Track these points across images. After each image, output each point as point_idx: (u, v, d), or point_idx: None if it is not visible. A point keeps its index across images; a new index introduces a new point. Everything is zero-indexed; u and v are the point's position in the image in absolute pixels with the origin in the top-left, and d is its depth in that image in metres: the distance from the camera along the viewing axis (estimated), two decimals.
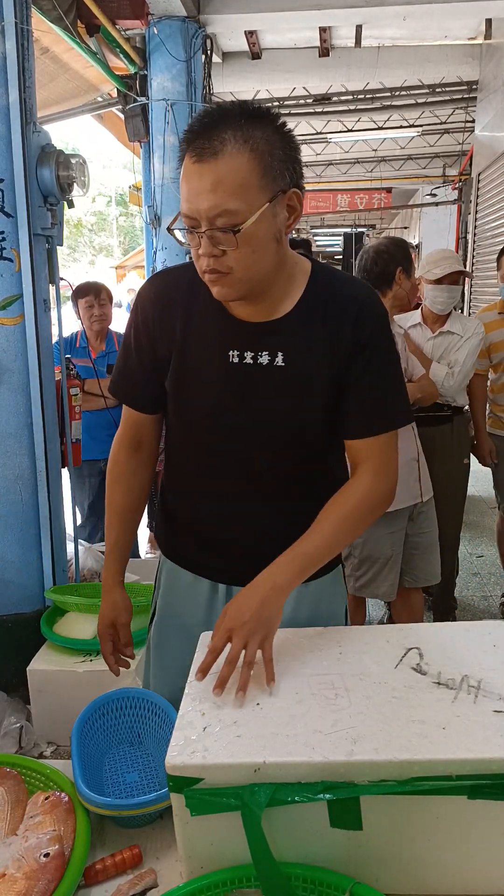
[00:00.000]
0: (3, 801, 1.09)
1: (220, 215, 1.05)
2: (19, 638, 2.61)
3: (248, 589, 1.14)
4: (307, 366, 1.21)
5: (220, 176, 1.03)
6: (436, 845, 0.91)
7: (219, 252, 1.08)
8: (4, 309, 2.48)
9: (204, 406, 1.26)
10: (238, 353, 1.22)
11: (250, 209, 1.05)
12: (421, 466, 2.58)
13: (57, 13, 3.87)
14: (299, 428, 1.24)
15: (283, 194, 1.09)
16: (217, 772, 0.89)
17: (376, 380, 1.23)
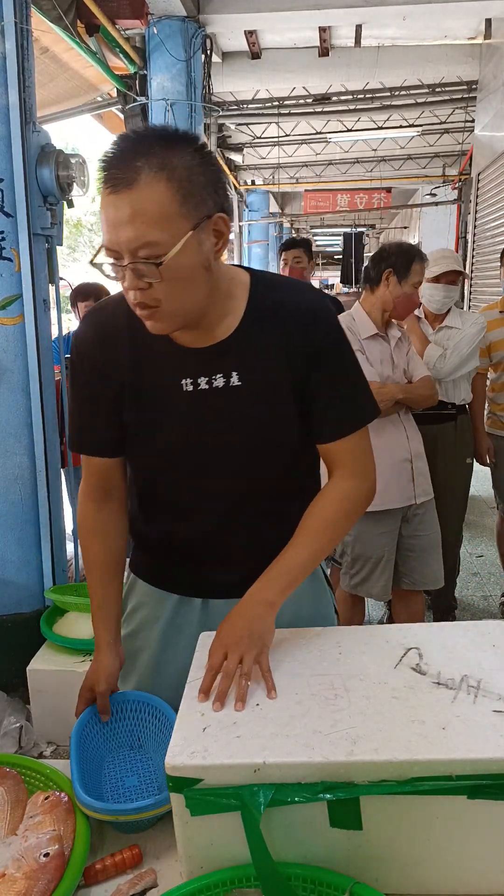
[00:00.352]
0: (3, 800, 1.09)
1: (141, 247, 0.99)
2: (19, 638, 2.61)
3: (239, 607, 1.14)
4: (265, 379, 1.17)
5: (137, 206, 0.97)
6: (435, 845, 0.91)
7: (144, 285, 1.02)
8: (4, 309, 2.48)
9: (168, 441, 1.22)
10: (192, 381, 1.17)
11: (173, 239, 0.99)
12: (415, 468, 2.54)
13: (56, 13, 3.87)
14: (272, 443, 1.21)
15: (209, 220, 1.03)
16: (217, 772, 0.88)
17: (338, 382, 1.21)
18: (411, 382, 2.58)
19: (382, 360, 2.52)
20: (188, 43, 5.34)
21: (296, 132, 10.63)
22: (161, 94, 5.37)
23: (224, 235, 1.07)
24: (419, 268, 2.46)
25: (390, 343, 2.55)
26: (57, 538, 2.71)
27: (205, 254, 1.05)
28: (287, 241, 4.04)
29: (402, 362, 2.57)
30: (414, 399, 2.56)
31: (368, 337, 2.51)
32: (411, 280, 2.45)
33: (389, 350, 2.54)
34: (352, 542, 2.63)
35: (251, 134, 10.76)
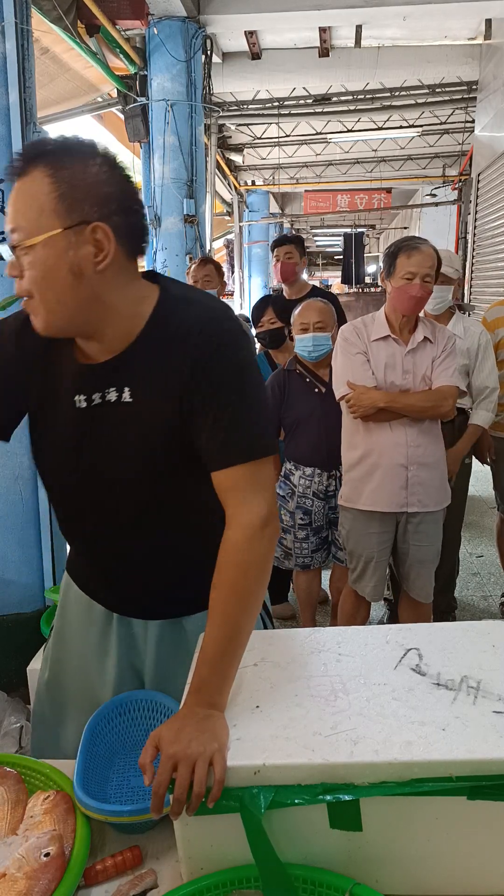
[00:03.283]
0: (4, 800, 1.09)
1: (12, 230, 1.05)
2: (19, 638, 2.61)
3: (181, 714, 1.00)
4: (153, 398, 1.14)
5: (19, 194, 1.05)
6: (435, 846, 0.91)
7: (16, 272, 1.07)
8: (4, 309, 2.48)
9: (58, 454, 1.23)
10: (86, 397, 1.17)
11: (38, 230, 1.03)
12: (412, 476, 2.45)
13: (57, 13, 3.87)
14: (153, 461, 1.16)
15: (85, 225, 1.04)
16: None
17: (223, 409, 1.12)
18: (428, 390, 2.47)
19: (388, 364, 2.43)
20: (188, 43, 5.34)
21: (296, 133, 10.63)
22: (161, 95, 5.38)
23: (105, 247, 1.06)
24: (405, 259, 2.35)
25: (406, 347, 2.44)
26: (57, 538, 2.71)
27: (76, 259, 1.05)
28: (278, 238, 4.01)
29: (420, 369, 2.44)
30: (406, 408, 2.42)
31: (378, 339, 2.44)
32: (399, 274, 2.36)
33: (401, 354, 2.43)
34: (346, 536, 2.64)
35: (251, 134, 10.77)
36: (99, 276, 1.08)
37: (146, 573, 1.27)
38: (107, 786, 1.18)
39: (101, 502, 1.22)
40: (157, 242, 5.71)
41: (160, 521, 1.22)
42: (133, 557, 1.26)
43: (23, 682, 2.43)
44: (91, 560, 1.33)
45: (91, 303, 1.09)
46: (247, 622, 1.09)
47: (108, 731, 1.24)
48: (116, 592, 1.33)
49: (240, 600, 1.08)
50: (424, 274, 2.34)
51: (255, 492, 1.13)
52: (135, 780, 1.19)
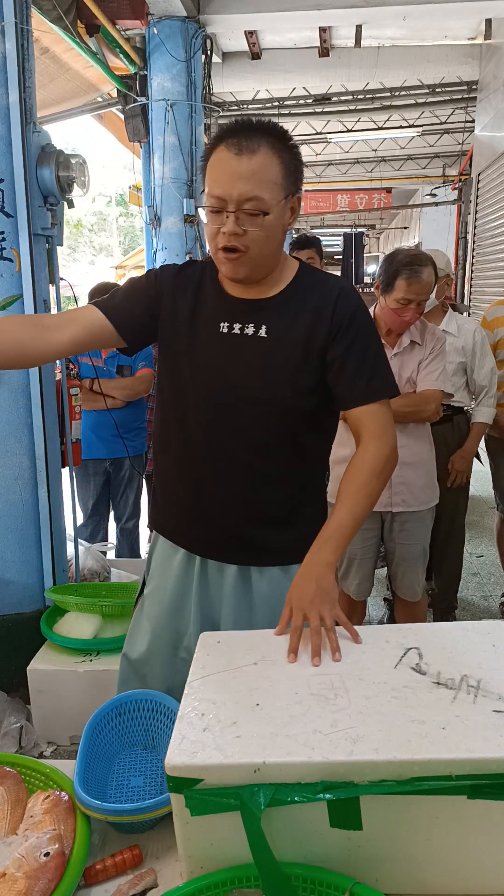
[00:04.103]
0: (4, 800, 1.09)
1: (250, 199, 1.27)
2: (19, 638, 2.61)
3: (302, 571, 1.28)
4: (288, 339, 1.38)
5: (255, 169, 1.26)
6: (435, 845, 0.91)
7: (241, 231, 1.28)
8: (4, 309, 2.48)
9: (197, 366, 1.42)
10: (228, 325, 1.40)
11: (274, 201, 1.29)
12: (395, 477, 2.41)
13: (57, 13, 3.87)
14: (281, 399, 1.38)
15: (293, 196, 1.34)
16: (217, 772, 0.89)
17: (364, 354, 1.40)
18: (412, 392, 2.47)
19: None
20: (188, 43, 5.34)
21: (296, 132, 10.62)
22: (161, 95, 5.37)
23: (296, 212, 1.38)
24: (404, 285, 2.33)
25: (392, 350, 2.45)
26: (57, 538, 2.71)
27: (285, 221, 1.35)
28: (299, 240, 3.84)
29: (406, 372, 2.45)
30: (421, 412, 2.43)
31: None
32: (394, 296, 2.35)
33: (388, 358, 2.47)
34: None
35: None
36: (285, 234, 1.38)
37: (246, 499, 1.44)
38: (107, 785, 1.18)
39: (225, 423, 1.41)
40: (157, 242, 5.70)
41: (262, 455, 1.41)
42: (243, 478, 1.43)
43: (23, 682, 2.43)
44: (197, 487, 1.47)
45: (277, 254, 1.38)
46: (365, 512, 1.37)
47: (108, 731, 1.24)
48: (206, 525, 1.48)
49: (366, 496, 1.36)
50: (420, 300, 2.36)
51: (389, 424, 1.42)
52: (135, 780, 1.19)
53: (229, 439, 1.41)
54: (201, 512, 1.48)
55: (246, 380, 1.38)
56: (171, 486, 1.54)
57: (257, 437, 1.40)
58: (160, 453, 1.56)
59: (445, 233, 11.81)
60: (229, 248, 1.30)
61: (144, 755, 1.25)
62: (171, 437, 1.50)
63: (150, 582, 1.61)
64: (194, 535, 1.51)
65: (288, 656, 1.13)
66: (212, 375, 1.40)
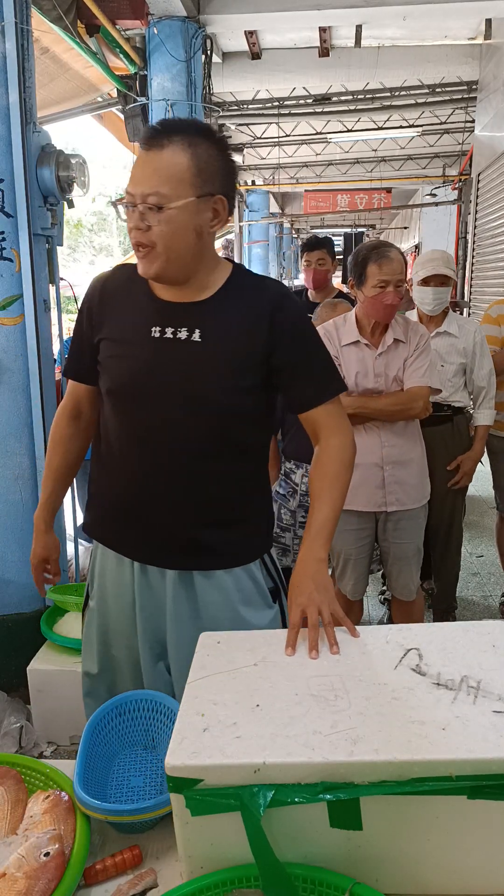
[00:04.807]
0: (4, 800, 1.09)
1: (151, 194, 1.26)
2: (19, 638, 2.61)
3: (298, 569, 1.31)
4: (221, 343, 1.36)
5: (160, 164, 1.26)
6: (435, 845, 0.91)
7: (144, 226, 1.28)
8: (4, 309, 2.48)
9: (127, 373, 1.41)
10: (160, 329, 1.38)
11: (177, 197, 1.26)
12: (388, 476, 2.46)
13: (57, 13, 3.87)
14: (208, 399, 1.36)
15: (210, 197, 1.30)
16: (217, 772, 0.89)
17: (311, 358, 1.42)
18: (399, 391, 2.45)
19: (359, 370, 2.43)
20: (188, 43, 5.33)
21: (296, 132, 10.63)
22: (161, 95, 5.37)
23: (220, 215, 1.34)
24: (376, 269, 2.33)
25: (376, 350, 2.43)
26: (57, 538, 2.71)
27: (199, 222, 1.31)
28: (310, 242, 3.77)
29: (392, 371, 2.43)
30: (376, 413, 2.42)
31: (349, 343, 2.44)
32: (370, 283, 2.34)
33: (371, 358, 2.42)
34: None
35: (251, 134, 10.77)
36: (209, 236, 1.35)
37: (184, 502, 1.43)
38: (107, 785, 1.18)
39: (160, 427, 1.40)
40: None
41: (212, 451, 1.40)
42: (180, 481, 1.42)
43: (23, 683, 2.43)
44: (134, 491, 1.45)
45: (196, 256, 1.34)
46: (341, 504, 1.40)
47: (108, 731, 1.24)
48: (144, 530, 1.46)
49: (340, 487, 1.40)
50: (396, 280, 2.34)
51: (343, 417, 1.46)
52: (134, 780, 1.19)
53: (164, 443, 1.40)
54: (137, 517, 1.46)
55: (181, 384, 1.36)
56: (107, 492, 1.51)
57: (192, 440, 1.39)
58: (96, 460, 1.54)
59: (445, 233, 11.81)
60: (136, 244, 1.31)
61: (144, 755, 1.25)
62: (109, 442, 1.48)
63: (94, 594, 1.58)
64: (132, 540, 1.48)
65: (286, 650, 1.13)
66: (145, 381, 1.38)
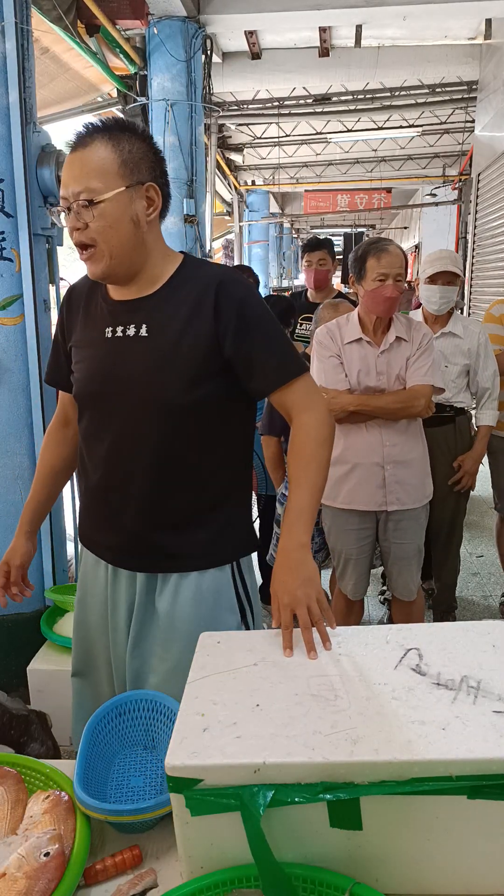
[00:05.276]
0: (3, 800, 1.09)
1: (82, 192, 1.28)
2: (19, 638, 2.61)
3: (280, 561, 1.29)
4: (167, 336, 1.35)
5: (86, 161, 1.28)
6: (436, 845, 0.91)
7: (82, 225, 1.29)
8: (4, 309, 2.48)
9: (86, 375, 1.43)
10: (112, 329, 1.40)
11: (107, 189, 1.28)
12: (389, 475, 2.45)
13: (57, 13, 3.87)
14: (160, 393, 1.35)
15: (141, 185, 1.32)
16: (217, 772, 0.89)
17: (266, 341, 1.38)
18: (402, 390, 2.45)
19: (361, 368, 2.43)
20: (188, 43, 5.33)
21: (296, 132, 10.62)
22: (161, 95, 5.37)
23: (155, 202, 1.35)
24: (374, 262, 2.34)
25: (378, 348, 2.43)
26: (57, 538, 2.72)
27: (134, 211, 1.32)
28: (310, 243, 3.79)
29: (394, 369, 2.43)
30: (377, 410, 2.41)
31: (351, 341, 2.44)
32: (370, 276, 2.35)
33: (373, 356, 2.43)
34: (327, 534, 2.65)
35: (251, 134, 10.76)
36: (148, 225, 1.35)
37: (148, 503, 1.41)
38: (107, 785, 1.18)
39: (123, 420, 1.39)
40: None
41: (172, 450, 1.39)
42: (143, 481, 1.40)
43: (23, 682, 2.43)
44: (102, 493, 1.46)
45: (139, 247, 1.35)
46: (322, 483, 1.36)
47: (108, 731, 1.24)
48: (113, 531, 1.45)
49: (319, 467, 1.36)
50: (396, 274, 2.34)
51: (314, 393, 1.41)
52: (134, 780, 1.19)
53: (127, 443, 1.39)
54: (105, 519, 1.47)
55: (133, 381, 1.36)
56: (84, 495, 1.53)
57: (149, 440, 1.38)
58: (79, 464, 1.56)
59: (445, 233, 11.81)
60: (78, 246, 1.32)
61: (144, 755, 1.25)
62: (82, 446, 1.50)
63: (79, 590, 1.60)
64: (104, 542, 1.49)
65: (284, 652, 1.13)
66: (102, 382, 1.40)
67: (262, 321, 1.38)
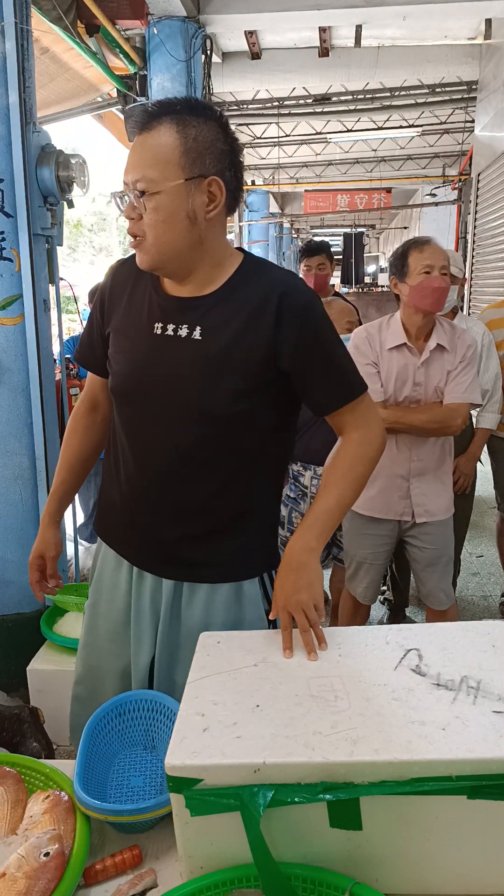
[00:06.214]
0: (3, 800, 1.09)
1: (139, 180, 1.19)
2: (19, 638, 2.61)
3: (285, 561, 1.25)
4: (221, 342, 1.26)
5: (147, 147, 1.19)
6: (435, 845, 0.91)
7: (135, 215, 1.21)
8: (4, 309, 2.48)
9: (127, 369, 1.34)
10: (162, 326, 1.30)
11: (164, 180, 1.18)
12: (413, 488, 2.40)
13: (57, 13, 3.87)
14: (206, 400, 1.27)
15: (203, 179, 1.20)
16: (217, 772, 0.89)
17: (329, 358, 1.31)
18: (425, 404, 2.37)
19: (399, 376, 2.31)
20: (188, 43, 5.33)
21: (296, 132, 10.63)
22: (161, 95, 5.37)
23: (217, 199, 1.23)
24: (417, 255, 2.26)
25: (420, 356, 2.31)
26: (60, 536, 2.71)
27: (192, 206, 1.21)
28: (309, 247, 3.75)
29: (433, 380, 2.31)
30: (411, 428, 2.31)
31: (392, 347, 2.31)
32: (414, 271, 2.24)
33: (414, 366, 2.31)
34: (344, 535, 2.62)
35: (251, 134, 10.76)
36: (207, 223, 1.24)
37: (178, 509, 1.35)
38: (107, 785, 1.18)
39: (160, 428, 1.32)
40: None
41: (209, 457, 1.32)
42: (175, 486, 1.34)
43: (23, 683, 2.43)
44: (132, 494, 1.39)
45: (195, 245, 1.24)
46: (351, 499, 1.32)
47: (108, 731, 1.24)
48: (141, 535, 1.40)
49: (352, 481, 1.31)
50: (441, 266, 2.24)
51: (370, 412, 1.36)
52: (134, 780, 1.19)
53: (161, 447, 1.33)
54: (133, 522, 1.40)
55: (179, 386, 1.28)
56: (111, 491, 1.46)
57: (189, 444, 1.31)
58: (107, 456, 1.49)
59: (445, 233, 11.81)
60: (130, 234, 1.24)
61: (144, 755, 1.25)
62: (114, 441, 1.43)
63: (93, 594, 1.53)
64: (131, 544, 1.43)
65: (283, 653, 1.13)
66: (144, 381, 1.31)
67: (326, 335, 1.30)
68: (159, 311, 1.31)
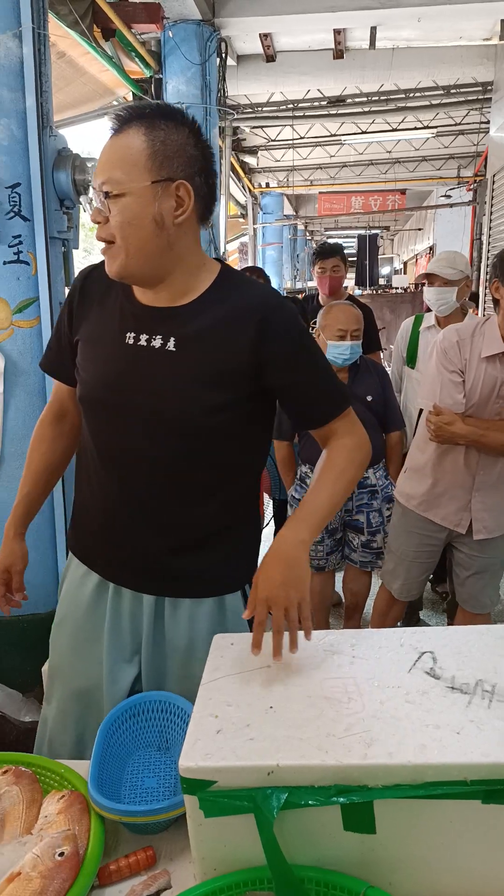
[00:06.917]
0: (19, 800, 1.09)
1: (105, 182, 1.18)
2: (34, 638, 2.62)
3: (273, 551, 1.19)
4: (198, 355, 1.25)
5: (115, 149, 1.18)
6: (449, 850, 0.90)
7: (101, 219, 1.20)
8: (21, 312, 2.50)
9: (98, 379, 1.31)
10: (134, 335, 1.28)
11: (130, 181, 1.17)
12: (475, 502, 2.30)
13: (73, 18, 3.90)
14: (181, 413, 1.25)
15: (170, 182, 1.19)
16: (230, 774, 0.89)
17: (314, 370, 1.32)
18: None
19: (486, 390, 2.17)
20: (203, 46, 5.35)
21: (310, 135, 10.61)
22: (176, 98, 5.39)
23: (185, 203, 1.21)
24: None
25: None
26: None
27: (159, 210, 1.19)
28: (323, 250, 3.74)
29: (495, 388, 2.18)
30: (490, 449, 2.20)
31: (487, 357, 2.15)
32: None
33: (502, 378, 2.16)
34: (391, 526, 2.60)
35: (266, 136, 10.77)
36: (176, 228, 1.22)
37: (157, 521, 1.33)
38: (121, 786, 1.18)
39: (132, 440, 1.29)
40: None
41: (186, 469, 1.30)
42: (151, 499, 1.32)
43: (38, 682, 2.44)
44: (107, 506, 1.37)
45: (164, 252, 1.22)
46: (341, 502, 1.31)
47: (122, 732, 1.24)
48: (118, 548, 1.37)
49: (346, 483, 1.30)
50: None
51: (355, 423, 1.36)
52: (148, 781, 1.20)
53: (136, 458, 1.30)
54: (107, 537, 1.37)
55: (152, 397, 1.25)
56: (83, 506, 1.43)
57: (161, 459, 1.28)
58: (77, 469, 1.45)
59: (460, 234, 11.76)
60: (98, 240, 1.22)
61: (158, 756, 1.25)
62: (84, 453, 1.41)
63: (60, 610, 1.49)
64: (106, 558, 1.39)
65: (252, 650, 1.09)
66: (116, 391, 1.28)
67: (312, 350, 1.31)
68: (132, 319, 1.29)
